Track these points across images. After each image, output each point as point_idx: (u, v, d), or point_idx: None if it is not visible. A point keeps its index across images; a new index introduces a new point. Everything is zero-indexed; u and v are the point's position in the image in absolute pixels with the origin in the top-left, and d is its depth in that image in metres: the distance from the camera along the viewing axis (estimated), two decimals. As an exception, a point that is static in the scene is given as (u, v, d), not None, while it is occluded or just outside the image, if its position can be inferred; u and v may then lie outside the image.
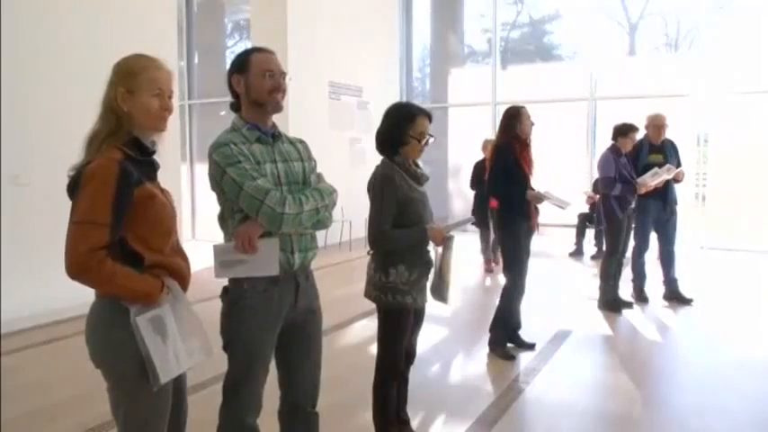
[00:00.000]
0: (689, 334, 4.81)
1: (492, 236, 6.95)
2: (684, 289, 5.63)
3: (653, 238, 5.57)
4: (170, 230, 1.81)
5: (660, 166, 5.26)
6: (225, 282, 2.09)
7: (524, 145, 4.15)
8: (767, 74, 8.78)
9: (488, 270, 7.15)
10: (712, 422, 3.18)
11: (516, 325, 4.33)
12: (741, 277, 6.96)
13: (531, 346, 4.31)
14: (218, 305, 2.11)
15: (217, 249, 2.03)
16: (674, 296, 5.59)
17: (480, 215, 6.78)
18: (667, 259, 5.59)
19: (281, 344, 2.15)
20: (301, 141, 2.24)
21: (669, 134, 5.55)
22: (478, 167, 6.94)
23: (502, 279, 4.34)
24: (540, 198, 4.17)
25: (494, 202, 5.39)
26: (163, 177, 1.88)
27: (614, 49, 10.31)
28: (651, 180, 5.14)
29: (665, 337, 4.72)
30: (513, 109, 4.18)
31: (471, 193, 7.35)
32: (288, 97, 2.15)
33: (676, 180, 5.41)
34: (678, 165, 5.47)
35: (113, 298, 1.70)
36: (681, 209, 5.55)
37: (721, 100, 9.07)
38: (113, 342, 1.70)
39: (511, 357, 4.13)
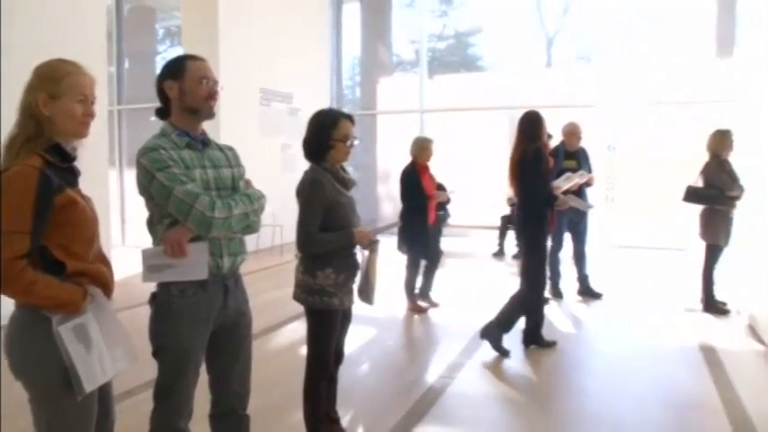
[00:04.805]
0: (600, 326, 5.16)
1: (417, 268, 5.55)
2: (595, 284, 6.00)
3: (567, 238, 5.92)
4: (92, 237, 1.78)
5: (573, 171, 5.61)
6: (154, 287, 2.09)
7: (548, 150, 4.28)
8: (667, 86, 9.53)
9: (419, 310, 5.54)
10: (621, 406, 3.44)
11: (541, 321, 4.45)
12: (646, 272, 7.43)
13: (552, 344, 4.45)
14: (148, 311, 2.11)
15: (145, 254, 2.02)
16: (586, 291, 5.96)
17: (419, 238, 5.31)
18: (580, 258, 5.95)
19: (212, 348, 2.15)
20: (230, 148, 2.26)
21: (581, 142, 5.94)
22: (411, 175, 5.39)
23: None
24: (567, 202, 4.43)
25: (432, 218, 5.40)
26: (90, 183, 1.87)
27: (532, 61, 10.84)
28: (564, 184, 5.47)
29: (579, 329, 5.05)
30: (535, 113, 4.23)
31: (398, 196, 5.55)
32: (219, 103, 2.17)
33: (588, 184, 5.78)
34: (589, 170, 5.84)
35: (34, 307, 1.67)
36: (592, 211, 5.90)
37: (627, 110, 9.75)
38: (34, 352, 1.67)
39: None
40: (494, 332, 4.30)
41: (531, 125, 4.20)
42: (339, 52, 11.71)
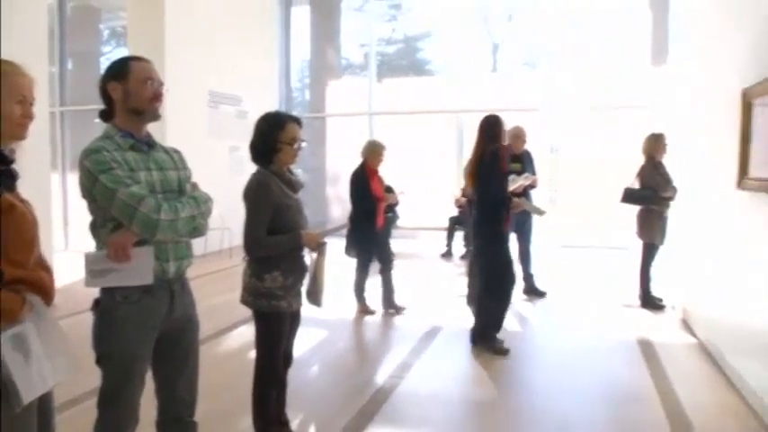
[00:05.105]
0: (544, 323, 5.32)
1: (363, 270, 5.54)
2: (540, 283, 6.19)
3: (512, 238, 6.07)
4: (32, 243, 1.73)
5: (518, 173, 5.76)
6: (97, 293, 2.05)
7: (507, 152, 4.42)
8: (607, 91, 9.93)
9: (368, 312, 5.58)
10: (565, 401, 3.58)
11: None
12: (588, 271, 7.72)
13: (506, 351, 4.45)
14: (92, 318, 2.06)
15: (88, 258, 1.98)
16: (531, 290, 6.13)
17: (367, 241, 5.38)
18: (525, 257, 6.12)
19: (158, 354, 2.12)
20: (176, 151, 2.24)
21: (526, 145, 6.11)
22: (360, 177, 5.43)
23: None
24: (522, 205, 4.53)
25: (381, 221, 5.44)
26: (31, 187, 1.83)
27: (479, 66, 11.10)
28: (510, 186, 5.61)
29: (524, 327, 5.20)
30: (495, 117, 4.33)
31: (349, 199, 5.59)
32: (166, 105, 2.16)
33: (532, 186, 5.96)
34: (533, 172, 6.02)
35: (-32, 317, 1.60)
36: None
37: (570, 114, 10.11)
38: (-31, 363, 1.60)
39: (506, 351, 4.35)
40: (483, 335, 4.40)
41: (490, 128, 4.33)
42: (288, 55, 11.68)
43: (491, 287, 4.41)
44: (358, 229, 5.31)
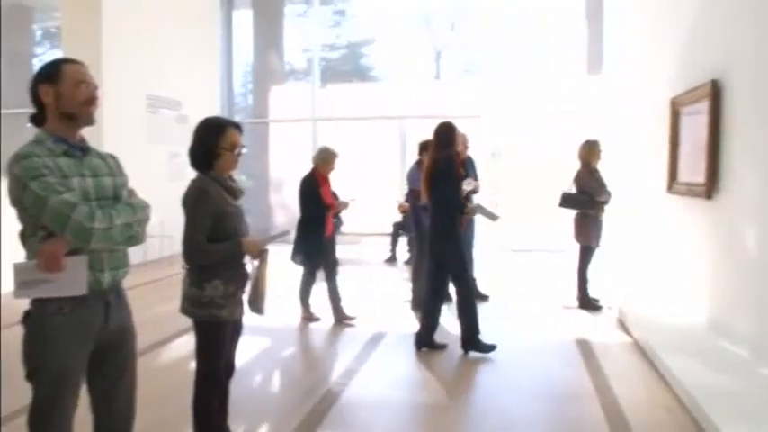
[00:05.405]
0: (487, 326, 5.36)
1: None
2: (482, 287, 6.31)
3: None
4: None
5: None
6: (28, 305, 1.98)
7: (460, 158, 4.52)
8: (545, 99, 10.26)
9: (313, 319, 5.50)
10: (506, 400, 3.67)
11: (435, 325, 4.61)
12: (528, 274, 7.93)
13: (443, 347, 4.58)
14: (21, 331, 1.98)
15: (17, 268, 1.91)
16: (474, 294, 6.23)
17: (315, 248, 5.31)
18: (468, 261, 6.23)
19: (93, 367, 2.06)
20: (112, 156, 2.19)
21: (468, 151, 6.23)
22: (309, 184, 5.35)
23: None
24: (476, 210, 4.62)
25: (329, 228, 5.39)
26: None
27: (422, 72, 11.27)
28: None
29: (468, 331, 5.28)
30: (449, 124, 4.40)
31: (292, 205, 5.71)
32: (103, 110, 2.11)
33: (474, 191, 6.07)
34: (476, 178, 6.14)
35: None
36: (478, 216, 6.22)
37: (510, 120, 10.40)
38: None
39: (493, 348, 4.46)
40: (471, 340, 4.48)
41: (444, 134, 4.42)
42: (230, 59, 11.51)
43: (439, 294, 4.58)
44: (306, 235, 5.26)
